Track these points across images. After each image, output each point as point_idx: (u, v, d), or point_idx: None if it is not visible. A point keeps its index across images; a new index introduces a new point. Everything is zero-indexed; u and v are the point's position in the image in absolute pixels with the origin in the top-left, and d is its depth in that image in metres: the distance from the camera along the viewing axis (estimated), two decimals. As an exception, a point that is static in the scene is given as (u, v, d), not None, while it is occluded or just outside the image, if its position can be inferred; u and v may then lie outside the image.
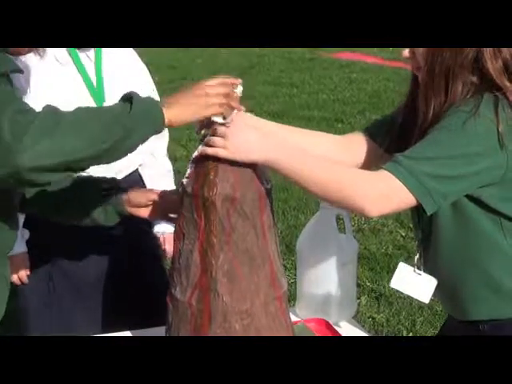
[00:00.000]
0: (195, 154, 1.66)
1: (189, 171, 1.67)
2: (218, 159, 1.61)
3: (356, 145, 1.87)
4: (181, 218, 1.68)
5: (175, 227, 1.70)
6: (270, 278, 1.68)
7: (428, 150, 1.54)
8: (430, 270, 1.73)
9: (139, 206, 1.90)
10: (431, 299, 1.76)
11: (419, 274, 1.74)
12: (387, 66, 9.41)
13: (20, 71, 1.60)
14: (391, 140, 1.79)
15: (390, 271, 4.02)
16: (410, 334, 3.47)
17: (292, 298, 3.83)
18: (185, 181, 1.67)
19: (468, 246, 1.63)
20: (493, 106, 1.53)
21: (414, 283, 1.74)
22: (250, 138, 1.58)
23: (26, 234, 2.44)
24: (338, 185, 1.56)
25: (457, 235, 1.64)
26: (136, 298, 2.44)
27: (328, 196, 1.58)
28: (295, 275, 4.15)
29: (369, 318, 3.67)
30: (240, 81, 1.62)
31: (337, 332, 2.03)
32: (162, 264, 2.67)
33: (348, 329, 2.09)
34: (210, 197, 1.61)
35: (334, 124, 6.98)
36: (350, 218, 2.13)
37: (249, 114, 1.72)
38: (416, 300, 1.78)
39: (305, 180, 1.57)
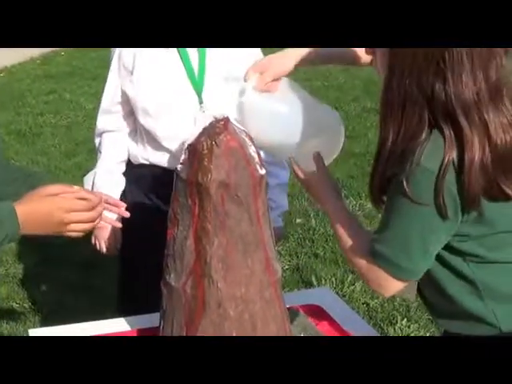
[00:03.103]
0: (190, 140, 1.66)
1: (183, 157, 1.66)
2: (211, 147, 1.61)
3: None
4: (175, 204, 1.68)
5: (169, 213, 1.70)
6: (264, 264, 1.68)
7: (389, 232, 1.53)
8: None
9: None
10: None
11: None
12: (381, 53, 9.37)
13: None
14: None
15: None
16: (405, 320, 3.48)
17: (287, 284, 3.85)
18: (179, 167, 1.67)
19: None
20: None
21: None
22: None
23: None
24: (356, 265, 1.64)
25: None
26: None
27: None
28: (289, 261, 4.17)
29: (363, 303, 3.68)
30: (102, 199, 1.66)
31: (331, 318, 2.03)
32: None
33: (342, 314, 2.09)
34: (204, 183, 1.60)
35: (328, 111, 6.95)
36: None
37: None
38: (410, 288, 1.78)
39: (342, 238, 1.67)
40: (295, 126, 1.78)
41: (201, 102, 2.30)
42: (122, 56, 2.34)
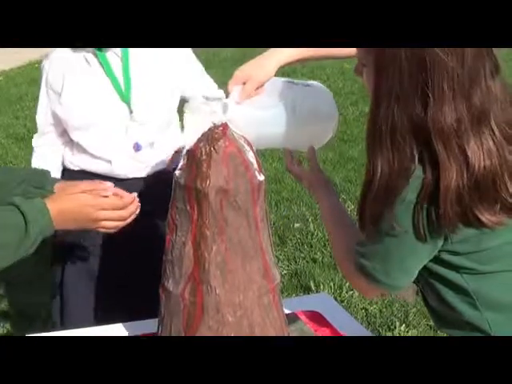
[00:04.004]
0: (188, 145, 1.65)
1: (182, 163, 1.66)
2: (210, 153, 1.60)
3: None
4: (173, 209, 1.67)
5: (167, 219, 1.70)
6: (262, 270, 1.68)
7: (375, 253, 1.54)
8: None
9: None
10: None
11: None
12: (380, 57, 9.35)
13: None
14: None
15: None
16: (403, 326, 3.47)
17: (285, 289, 3.85)
18: (177, 172, 1.66)
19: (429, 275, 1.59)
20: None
21: None
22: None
23: None
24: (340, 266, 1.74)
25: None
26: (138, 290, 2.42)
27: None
28: (288, 266, 4.17)
29: (362, 309, 3.67)
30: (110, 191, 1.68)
31: (329, 324, 2.03)
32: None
33: (341, 320, 2.09)
34: (202, 189, 1.60)
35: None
36: None
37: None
38: (408, 291, 1.79)
39: (331, 238, 1.76)
40: (287, 126, 1.76)
41: (131, 112, 2.36)
42: (49, 79, 2.41)
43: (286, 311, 1.87)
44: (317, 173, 1.79)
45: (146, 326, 1.95)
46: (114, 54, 2.37)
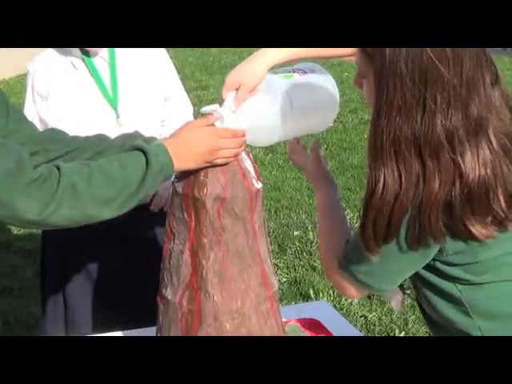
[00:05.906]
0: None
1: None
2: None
3: None
4: (171, 217, 1.68)
5: (165, 227, 1.70)
6: (260, 278, 1.68)
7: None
8: None
9: None
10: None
11: None
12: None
13: None
14: None
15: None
16: (403, 333, 3.47)
17: (284, 297, 3.85)
18: (175, 181, 1.67)
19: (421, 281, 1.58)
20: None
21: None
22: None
23: None
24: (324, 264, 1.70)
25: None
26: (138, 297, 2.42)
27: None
28: (287, 274, 4.17)
29: (361, 316, 3.67)
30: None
31: (328, 332, 2.03)
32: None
33: (340, 328, 2.09)
34: (200, 197, 1.60)
35: (326, 123, 6.97)
36: None
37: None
38: (407, 299, 1.77)
39: (319, 229, 1.72)
40: (286, 124, 1.72)
41: (118, 117, 2.37)
42: (35, 83, 2.41)
43: (285, 319, 1.87)
44: (318, 165, 1.79)
45: (145, 334, 1.95)
46: (101, 59, 2.37)
